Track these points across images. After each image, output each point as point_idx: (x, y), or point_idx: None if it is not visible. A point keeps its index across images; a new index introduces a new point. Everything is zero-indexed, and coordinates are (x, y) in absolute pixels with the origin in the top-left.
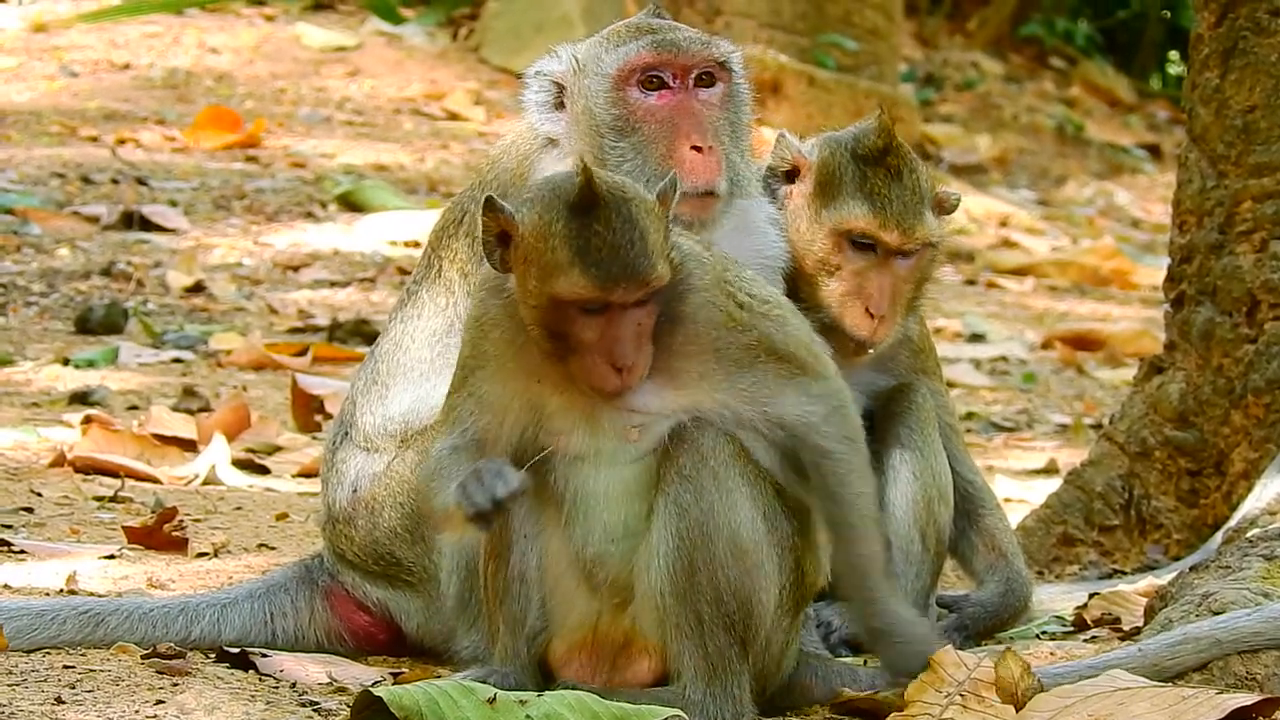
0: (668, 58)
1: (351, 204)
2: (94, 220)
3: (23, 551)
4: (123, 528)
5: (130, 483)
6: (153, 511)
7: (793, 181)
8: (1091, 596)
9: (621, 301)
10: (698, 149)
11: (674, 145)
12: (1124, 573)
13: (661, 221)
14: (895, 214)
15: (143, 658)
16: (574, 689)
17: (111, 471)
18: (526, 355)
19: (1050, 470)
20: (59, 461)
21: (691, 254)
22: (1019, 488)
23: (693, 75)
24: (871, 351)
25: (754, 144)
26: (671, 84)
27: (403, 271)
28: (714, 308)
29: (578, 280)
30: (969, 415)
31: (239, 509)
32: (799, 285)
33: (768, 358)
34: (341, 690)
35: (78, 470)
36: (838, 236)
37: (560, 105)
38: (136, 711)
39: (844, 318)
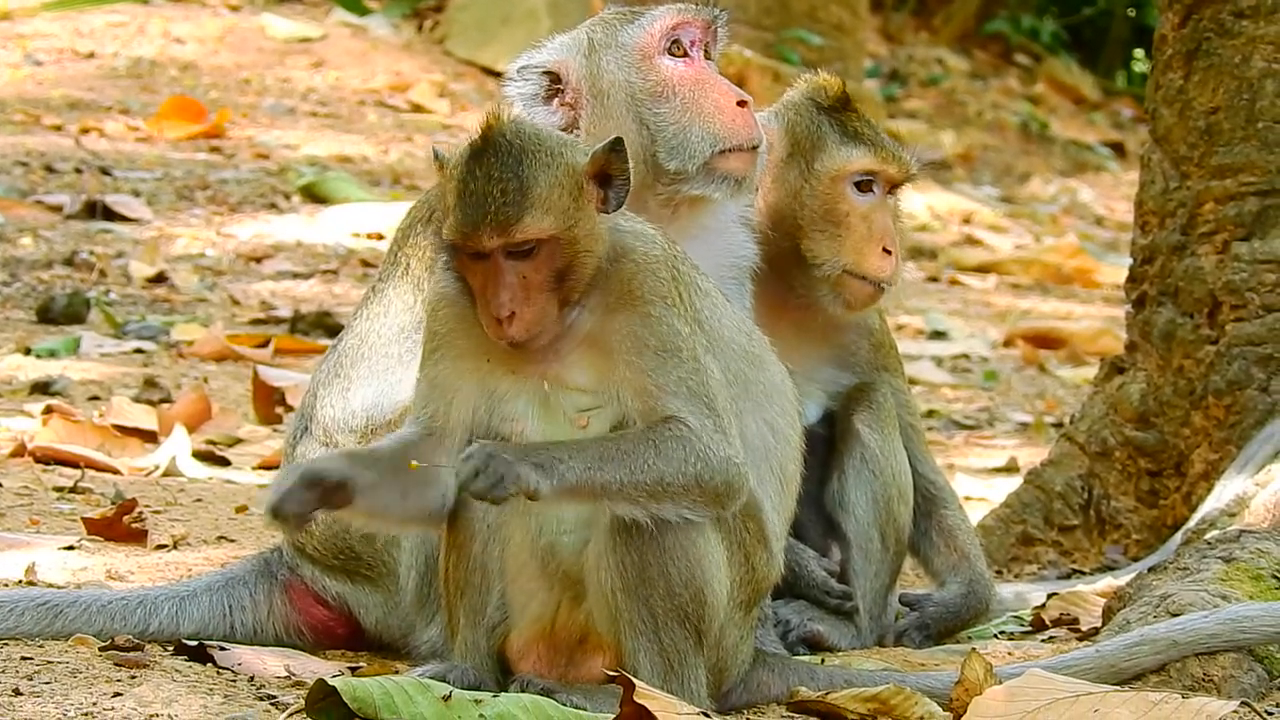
0: (691, 20)
1: (315, 195)
2: (57, 209)
3: None
4: (82, 519)
5: (90, 473)
6: (112, 503)
7: None
8: (1050, 596)
9: (485, 249)
10: (742, 104)
11: (720, 103)
12: (1083, 573)
13: (566, 177)
14: (890, 148)
15: (101, 650)
16: (531, 683)
17: (72, 462)
18: (476, 333)
19: (1011, 469)
20: (19, 451)
21: (643, 233)
22: (979, 486)
23: (705, 41)
24: (886, 291)
25: None
26: (690, 51)
27: (366, 264)
28: (654, 278)
29: (451, 224)
30: (930, 413)
31: (199, 501)
32: (794, 251)
33: (678, 361)
34: (299, 684)
35: (38, 460)
36: (839, 183)
37: (550, 98)
38: (94, 704)
39: (864, 262)
